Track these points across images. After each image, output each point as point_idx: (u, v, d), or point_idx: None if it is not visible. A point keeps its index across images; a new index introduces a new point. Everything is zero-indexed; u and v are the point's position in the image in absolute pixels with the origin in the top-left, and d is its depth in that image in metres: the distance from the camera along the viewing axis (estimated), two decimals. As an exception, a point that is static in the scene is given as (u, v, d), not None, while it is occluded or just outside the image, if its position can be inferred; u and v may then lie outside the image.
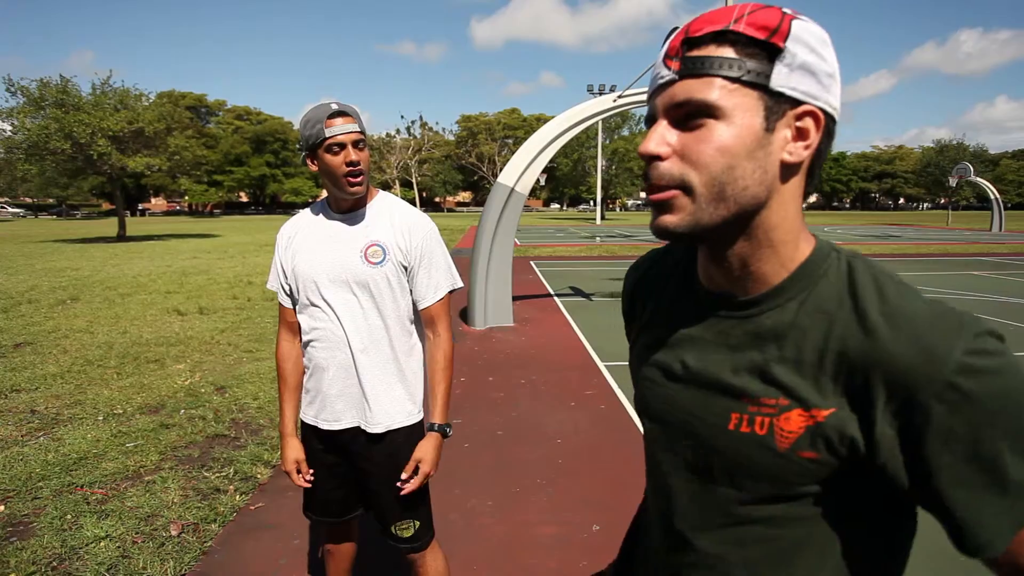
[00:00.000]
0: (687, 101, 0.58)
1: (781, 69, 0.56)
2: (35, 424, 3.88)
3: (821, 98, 0.58)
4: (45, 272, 12.31)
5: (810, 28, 0.58)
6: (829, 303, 0.60)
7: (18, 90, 21.31)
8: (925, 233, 28.03)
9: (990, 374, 0.53)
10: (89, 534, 2.58)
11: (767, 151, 0.58)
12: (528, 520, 2.73)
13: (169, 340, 6.26)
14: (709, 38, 0.57)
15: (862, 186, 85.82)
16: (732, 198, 0.58)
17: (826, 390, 0.58)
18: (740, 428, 0.62)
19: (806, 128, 0.59)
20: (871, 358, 0.56)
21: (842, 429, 0.57)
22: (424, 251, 1.56)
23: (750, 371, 0.62)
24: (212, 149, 51.42)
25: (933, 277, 11.56)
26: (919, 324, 0.55)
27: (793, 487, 0.61)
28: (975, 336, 0.54)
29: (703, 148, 0.58)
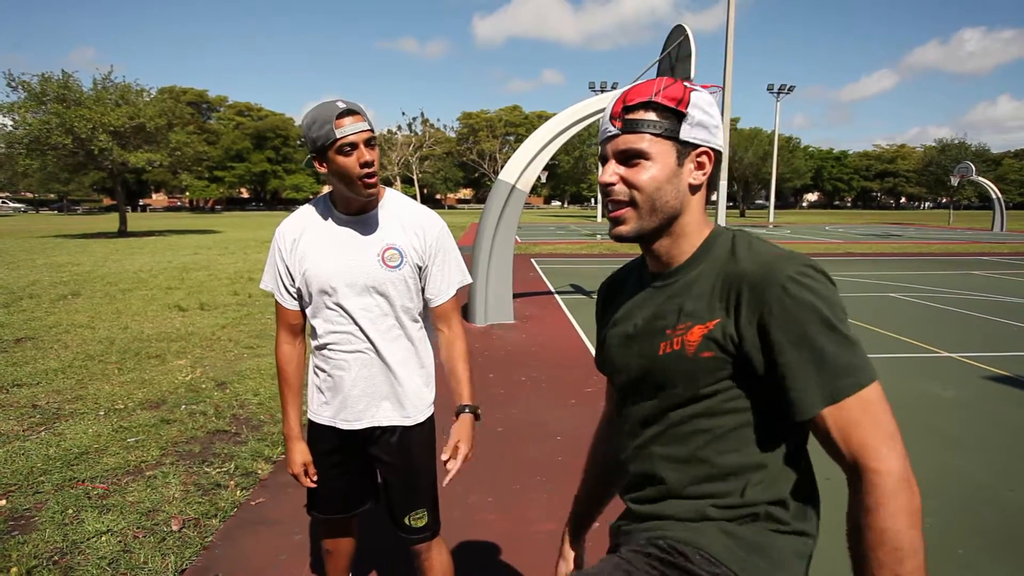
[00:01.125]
0: (628, 149, 0.88)
1: (685, 126, 0.87)
2: (36, 419, 3.89)
3: (712, 141, 0.89)
4: (46, 267, 12.32)
5: (702, 95, 0.89)
6: (720, 260, 0.88)
7: (19, 85, 21.30)
8: (926, 232, 28.00)
9: (808, 284, 0.79)
10: (90, 528, 2.59)
11: (680, 178, 0.89)
12: (528, 517, 2.74)
13: (170, 336, 6.26)
14: (639, 106, 0.87)
15: (864, 185, 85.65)
16: (660, 210, 0.89)
17: (714, 308, 0.85)
18: (664, 351, 0.89)
19: (703, 162, 0.90)
20: (737, 277, 0.84)
21: (724, 330, 0.84)
22: (438, 250, 1.57)
23: (671, 313, 0.90)
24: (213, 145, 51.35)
25: (934, 276, 11.55)
26: (767, 256, 0.84)
27: (704, 384, 0.86)
28: (802, 264, 0.81)
29: (640, 178, 0.88)
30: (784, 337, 0.79)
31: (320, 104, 1.43)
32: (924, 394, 4.49)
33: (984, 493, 2.95)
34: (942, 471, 3.20)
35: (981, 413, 4.10)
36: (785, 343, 0.79)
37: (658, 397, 0.92)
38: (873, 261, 14.69)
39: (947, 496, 2.92)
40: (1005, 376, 4.95)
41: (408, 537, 1.68)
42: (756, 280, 0.81)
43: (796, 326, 0.78)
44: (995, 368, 5.18)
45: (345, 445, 1.65)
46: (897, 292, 9.58)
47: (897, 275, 11.75)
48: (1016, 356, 5.60)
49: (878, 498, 0.73)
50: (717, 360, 0.84)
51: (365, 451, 1.65)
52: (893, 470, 0.74)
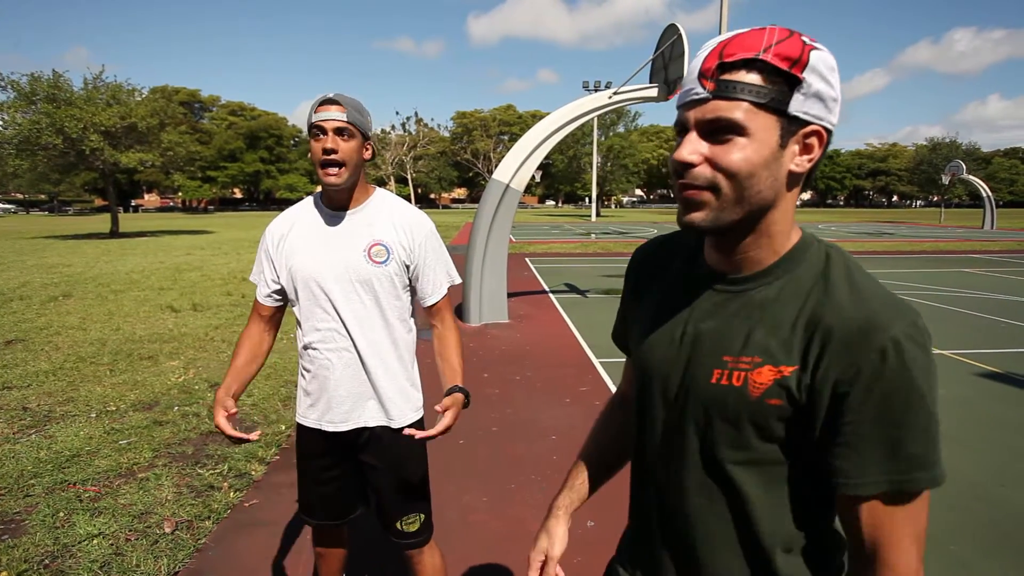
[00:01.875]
0: (718, 119, 0.68)
1: (798, 97, 0.67)
2: (27, 421, 3.86)
3: (826, 119, 0.70)
4: (37, 268, 12.21)
5: (824, 58, 0.68)
6: (806, 282, 0.73)
7: (8, 85, 21.09)
8: (918, 230, 28.19)
9: (913, 354, 0.65)
10: (82, 532, 2.57)
11: (779, 163, 0.70)
12: (523, 516, 2.73)
13: (163, 337, 6.22)
14: (741, 64, 0.67)
15: (856, 183, 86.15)
16: (749, 200, 0.70)
17: (793, 351, 0.71)
18: (720, 381, 0.75)
19: (812, 144, 0.71)
20: (830, 322, 0.69)
21: (800, 381, 0.70)
22: (427, 250, 1.57)
23: (737, 336, 0.75)
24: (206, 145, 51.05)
25: (926, 274, 11.63)
26: (873, 301, 0.69)
27: (762, 432, 0.73)
28: (913, 323, 0.67)
29: (731, 159, 0.68)
30: (867, 407, 0.66)
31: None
32: (916, 391, 4.50)
33: (977, 490, 2.97)
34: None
35: (974, 410, 4.12)
36: (866, 413, 0.66)
37: (702, 428, 0.78)
38: (866, 259, 14.77)
39: (940, 493, 2.93)
40: (998, 373, 4.99)
41: (400, 542, 1.66)
42: (851, 333, 0.67)
43: (887, 401, 0.65)
44: (988, 365, 5.22)
45: (333, 449, 1.63)
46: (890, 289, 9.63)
47: (890, 273, 11.82)
48: (1009, 353, 5.64)
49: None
50: (783, 409, 0.71)
51: (354, 455, 1.63)
52: (909, 569, 0.68)
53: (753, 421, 0.73)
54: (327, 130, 1.42)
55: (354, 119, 1.45)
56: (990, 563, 2.37)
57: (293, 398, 4.28)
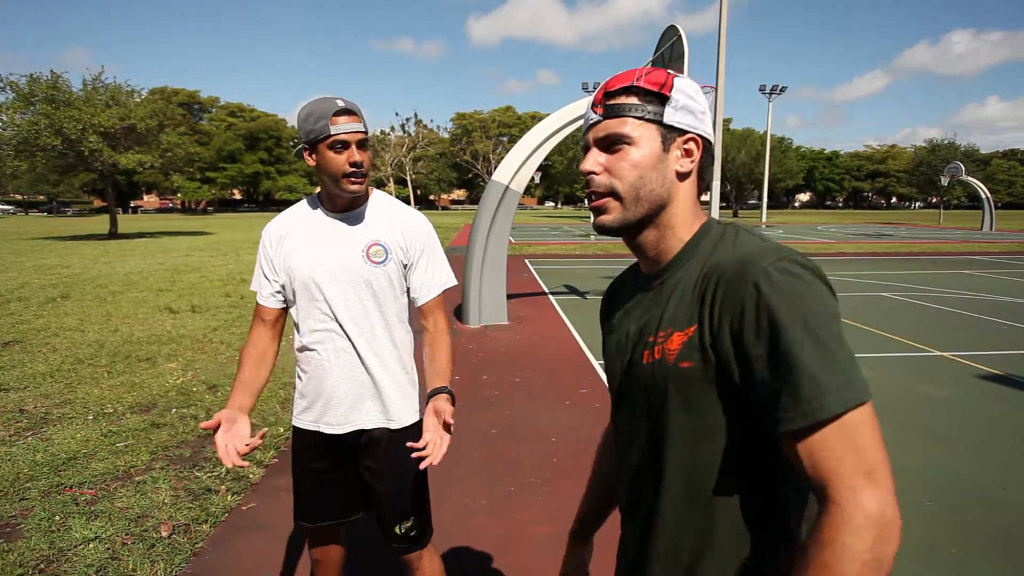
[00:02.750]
0: (610, 134, 0.83)
1: (669, 110, 0.82)
2: (23, 424, 3.83)
3: (699, 128, 0.84)
4: (35, 270, 12.18)
5: (686, 82, 0.83)
6: (703, 256, 0.81)
7: (7, 86, 21.07)
8: (917, 232, 28.21)
9: (785, 281, 0.69)
10: (78, 535, 2.55)
11: (665, 165, 0.83)
12: (523, 519, 2.72)
13: (161, 338, 6.20)
14: (621, 91, 0.83)
15: (855, 185, 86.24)
16: (645, 198, 0.83)
17: (694, 313, 0.77)
18: (646, 360, 0.83)
19: (691, 149, 0.84)
20: (714, 275, 0.76)
21: (703, 338, 0.75)
22: (424, 249, 1.57)
23: (655, 318, 0.84)
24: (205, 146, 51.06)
25: (925, 276, 11.63)
26: (747, 248, 0.76)
27: (689, 397, 0.77)
28: (781, 256, 0.71)
29: (622, 165, 0.82)
30: (757, 344, 0.69)
31: (320, 99, 1.45)
32: (917, 393, 4.50)
33: (977, 492, 2.96)
34: (936, 470, 3.21)
35: (974, 412, 4.11)
36: (759, 348, 0.69)
37: (648, 411, 0.84)
38: (865, 261, 14.78)
39: (940, 495, 2.92)
40: (998, 375, 4.97)
41: (398, 547, 1.64)
42: (730, 276, 0.73)
43: (769, 331, 0.68)
44: (988, 367, 5.20)
45: (331, 452, 1.61)
46: (889, 291, 9.63)
47: (889, 274, 11.82)
48: (1009, 355, 5.63)
49: (832, 533, 0.62)
50: (697, 371, 0.75)
51: (352, 458, 1.61)
52: (864, 508, 0.62)
53: (678, 391, 0.78)
54: (350, 143, 1.42)
55: (366, 128, 1.47)
56: (991, 565, 2.36)
57: (291, 400, 4.26)
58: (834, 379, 0.65)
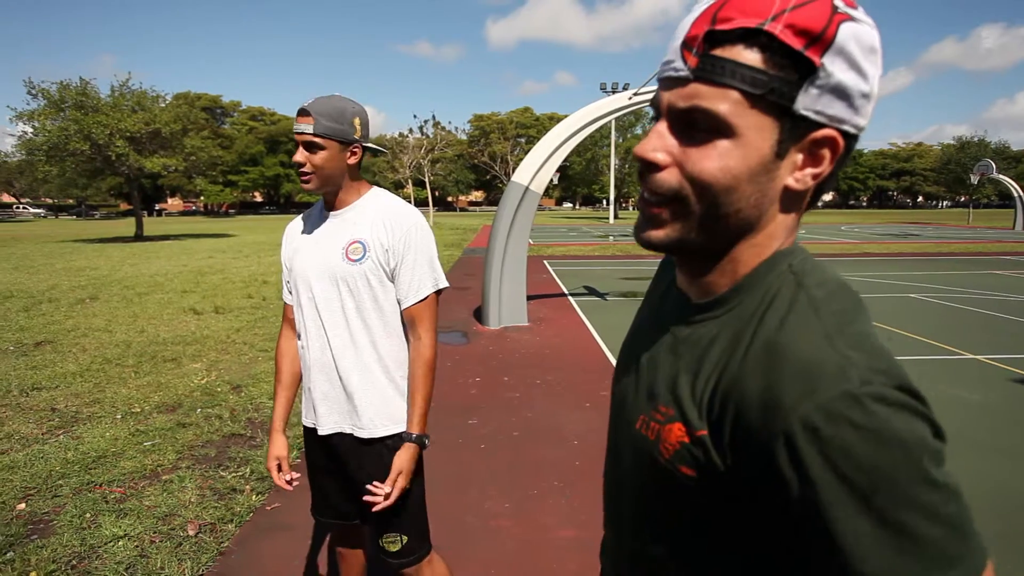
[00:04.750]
0: (695, 109, 0.51)
1: (810, 92, 0.49)
2: (55, 422, 3.92)
3: (848, 121, 0.51)
4: (65, 271, 12.49)
5: (860, 34, 0.49)
6: (743, 319, 0.54)
7: (39, 92, 21.67)
8: (945, 232, 27.52)
9: (833, 442, 0.44)
10: (108, 533, 2.59)
11: (772, 176, 0.52)
12: (546, 523, 2.69)
13: (185, 339, 6.30)
14: (737, 35, 0.48)
15: (880, 184, 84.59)
16: (723, 220, 0.54)
17: (703, 411, 0.54)
18: (641, 430, 0.61)
19: (821, 155, 0.52)
20: (735, 385, 0.51)
21: (711, 453, 0.53)
22: (407, 247, 1.47)
23: (666, 377, 0.60)
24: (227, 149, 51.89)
25: (954, 276, 11.34)
26: (788, 359, 0.48)
27: (682, 506, 0.58)
28: (837, 395, 0.44)
29: (705, 166, 0.51)
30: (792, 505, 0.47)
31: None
32: (949, 398, 4.38)
33: (1016, 499, 2.86)
34: (971, 477, 3.11)
35: (1010, 417, 3.98)
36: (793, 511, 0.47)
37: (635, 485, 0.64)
38: (891, 261, 14.46)
39: (977, 502, 2.82)
40: (1033, 379, 4.81)
41: (386, 560, 1.58)
42: (752, 410, 0.49)
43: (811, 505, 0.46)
44: (1022, 370, 5.04)
45: (324, 450, 1.62)
46: (917, 292, 9.41)
47: (916, 275, 11.54)
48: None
49: None
50: (696, 485, 0.55)
51: (342, 460, 1.58)
52: None
53: (665, 493, 0.58)
54: (299, 143, 1.45)
55: (324, 130, 1.42)
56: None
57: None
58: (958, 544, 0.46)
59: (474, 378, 4.92)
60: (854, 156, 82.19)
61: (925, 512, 0.44)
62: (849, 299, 0.53)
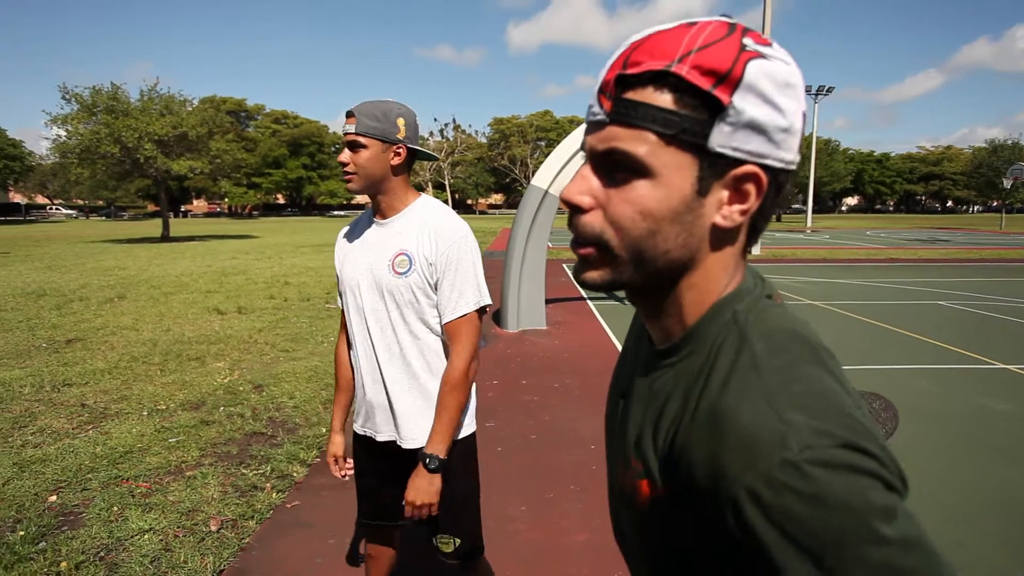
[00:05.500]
0: (613, 151, 0.51)
1: (723, 129, 0.49)
2: (85, 417, 4.03)
3: (770, 156, 0.51)
4: (95, 271, 12.83)
5: (771, 71, 0.49)
6: (691, 375, 0.53)
7: (72, 97, 22.34)
8: (976, 237, 26.82)
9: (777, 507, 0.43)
10: (134, 526, 2.66)
11: (696, 214, 0.52)
12: (562, 527, 2.69)
13: (209, 338, 6.43)
14: (647, 78, 0.49)
15: (907, 188, 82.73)
16: (651, 262, 0.53)
17: (663, 469, 0.53)
18: (621, 479, 0.60)
19: (746, 191, 0.52)
20: (684, 446, 0.50)
21: (675, 510, 0.52)
22: (449, 261, 1.45)
23: (636, 427, 0.59)
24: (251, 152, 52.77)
25: (985, 283, 11.04)
26: (729, 433, 0.46)
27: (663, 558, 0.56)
28: (782, 462, 0.43)
29: (624, 210, 0.52)
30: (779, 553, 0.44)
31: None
32: (977, 407, 4.26)
33: (1047, 514, 2.78)
34: (1000, 488, 3.03)
35: (1041, 429, 3.87)
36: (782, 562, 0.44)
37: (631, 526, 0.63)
38: (919, 267, 14.14)
39: (1005, 515, 2.76)
40: (1067, 390, 4.67)
41: (440, 559, 1.63)
42: (700, 477, 0.48)
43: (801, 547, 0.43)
44: (1055, 381, 4.89)
45: (380, 454, 1.63)
46: (945, 300, 9.19)
47: (945, 282, 11.27)
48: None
49: None
50: (677, 534, 0.54)
51: (397, 464, 1.60)
52: None
53: (649, 536, 0.57)
54: (344, 143, 1.47)
55: (366, 129, 1.43)
56: (1066, 595, 2.21)
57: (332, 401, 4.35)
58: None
59: (492, 381, 4.94)
60: (880, 159, 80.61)
61: (878, 571, 0.42)
62: (796, 350, 0.50)
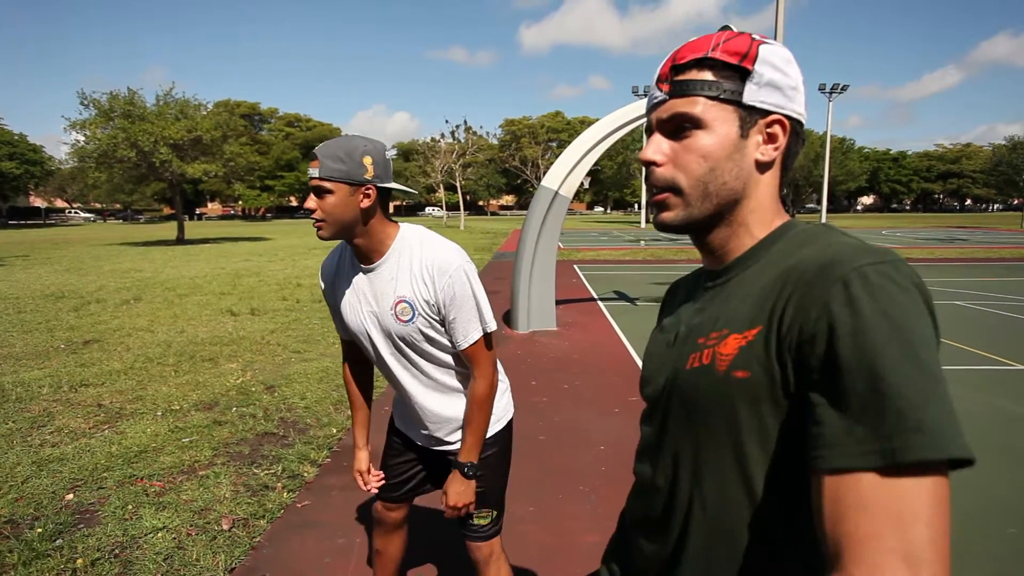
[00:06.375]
0: (676, 115, 0.71)
1: (751, 87, 0.70)
2: (101, 417, 4.10)
3: (787, 107, 0.71)
4: (112, 273, 13.03)
5: (775, 50, 0.71)
6: (783, 254, 0.69)
7: (90, 103, 22.71)
8: (996, 236, 26.35)
9: (884, 285, 0.56)
10: (148, 525, 2.69)
11: (743, 153, 0.71)
12: (571, 528, 2.69)
13: (223, 340, 6.50)
14: (692, 64, 0.71)
15: (924, 187, 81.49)
16: (715, 193, 0.72)
17: (758, 315, 0.65)
18: (693, 364, 0.71)
19: (775, 133, 0.72)
20: (794, 273, 0.63)
21: (768, 343, 0.63)
22: (450, 299, 1.45)
23: (709, 320, 0.73)
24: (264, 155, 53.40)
25: (1006, 283, 10.84)
26: (841, 246, 0.62)
27: (740, 413, 0.65)
28: (884, 260, 0.58)
29: (690, 156, 0.71)
30: (836, 357, 0.55)
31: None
32: (996, 409, 4.19)
33: (1068, 519, 2.72)
34: (1018, 494, 2.97)
35: (1062, 431, 3.79)
36: (832, 364, 0.55)
37: (683, 425, 0.73)
38: (936, 267, 13.92)
39: (1023, 519, 2.71)
40: (1088, 391, 4.57)
41: (467, 533, 1.70)
42: (812, 273, 0.60)
43: (855, 341, 0.54)
44: (1077, 382, 4.79)
45: (411, 446, 1.78)
46: (964, 300, 9.03)
47: (963, 281, 11.08)
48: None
49: None
50: (751, 384, 0.63)
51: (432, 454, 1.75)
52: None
53: (725, 405, 0.66)
54: (310, 189, 1.39)
55: (330, 173, 1.34)
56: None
57: (344, 402, 4.37)
58: (935, 418, 0.50)
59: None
60: (896, 158, 79.61)
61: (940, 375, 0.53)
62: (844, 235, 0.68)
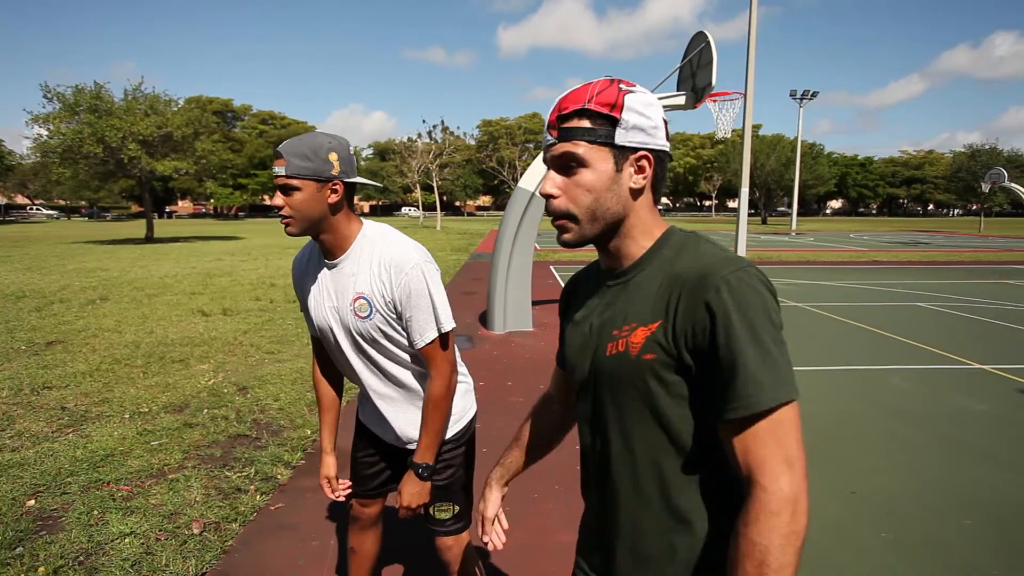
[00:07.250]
0: (564, 154, 0.88)
1: (620, 131, 0.87)
2: (65, 421, 3.98)
3: (650, 143, 0.88)
4: (76, 272, 12.64)
5: (638, 97, 0.88)
6: (668, 259, 0.89)
7: (54, 96, 22.00)
8: (956, 240, 27.31)
9: (740, 288, 0.79)
10: (114, 530, 2.63)
11: (619, 184, 0.89)
12: (546, 527, 2.71)
13: (193, 340, 6.37)
14: (573, 114, 0.87)
15: (889, 192, 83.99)
16: (601, 218, 0.90)
17: (658, 312, 0.85)
18: (611, 352, 0.90)
19: (643, 165, 0.89)
20: (680, 278, 0.84)
21: (666, 333, 0.84)
22: (408, 296, 1.46)
23: (619, 314, 0.91)
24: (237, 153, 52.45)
25: (964, 285, 11.25)
26: (710, 258, 0.85)
27: (649, 386, 0.86)
28: (739, 268, 0.81)
29: (578, 190, 0.89)
30: (712, 342, 0.79)
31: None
32: (955, 407, 4.35)
33: (1019, 510, 2.84)
34: (975, 487, 3.10)
35: (1015, 427, 3.96)
36: (711, 349, 0.79)
37: (610, 398, 0.93)
38: (900, 269, 14.37)
39: (980, 513, 2.82)
40: (1040, 389, 4.78)
41: (433, 529, 1.72)
42: (694, 281, 0.82)
43: (724, 331, 0.78)
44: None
45: (376, 442, 1.77)
46: (925, 301, 9.35)
47: (925, 284, 11.46)
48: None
49: (758, 512, 0.74)
50: (659, 362, 0.85)
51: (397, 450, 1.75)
52: (781, 490, 0.74)
53: (639, 380, 0.86)
54: (278, 185, 1.41)
55: (297, 170, 1.37)
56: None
57: (319, 403, 4.33)
58: (769, 378, 0.76)
59: (477, 382, 4.94)
60: (863, 163, 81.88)
61: (778, 343, 0.79)
62: (711, 243, 0.90)
